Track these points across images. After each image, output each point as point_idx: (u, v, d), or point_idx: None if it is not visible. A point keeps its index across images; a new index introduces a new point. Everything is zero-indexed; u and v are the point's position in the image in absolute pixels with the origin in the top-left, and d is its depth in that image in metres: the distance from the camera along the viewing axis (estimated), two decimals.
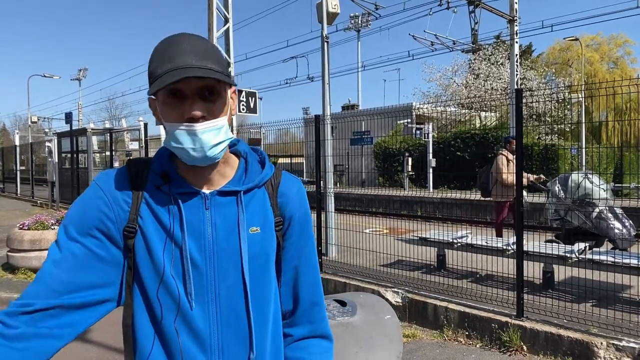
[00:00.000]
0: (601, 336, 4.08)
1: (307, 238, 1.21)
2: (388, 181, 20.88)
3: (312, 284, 1.22)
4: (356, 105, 29.66)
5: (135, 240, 1.05)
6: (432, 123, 19.29)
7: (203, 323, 1.05)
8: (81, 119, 40.03)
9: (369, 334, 2.39)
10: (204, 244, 1.06)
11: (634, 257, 4.98)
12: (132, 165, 1.11)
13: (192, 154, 1.01)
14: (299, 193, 1.20)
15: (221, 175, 1.11)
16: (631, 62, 35.67)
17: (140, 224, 1.05)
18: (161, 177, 1.08)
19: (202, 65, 0.99)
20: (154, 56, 1.03)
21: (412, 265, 6.61)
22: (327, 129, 7.35)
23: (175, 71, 0.97)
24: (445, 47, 17.69)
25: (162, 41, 1.04)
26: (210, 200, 1.08)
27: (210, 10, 7.99)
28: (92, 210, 1.06)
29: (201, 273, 1.05)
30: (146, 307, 1.06)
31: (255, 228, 1.10)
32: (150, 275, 1.04)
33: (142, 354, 1.05)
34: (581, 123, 19.09)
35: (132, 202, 1.06)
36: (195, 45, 1.01)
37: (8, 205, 19.35)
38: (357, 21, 31.14)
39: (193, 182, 1.09)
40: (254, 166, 1.16)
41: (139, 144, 15.75)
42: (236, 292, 1.07)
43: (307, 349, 1.20)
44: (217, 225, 1.07)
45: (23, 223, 7.42)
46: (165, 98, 1.02)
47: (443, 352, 4.53)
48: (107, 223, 1.05)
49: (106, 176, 1.10)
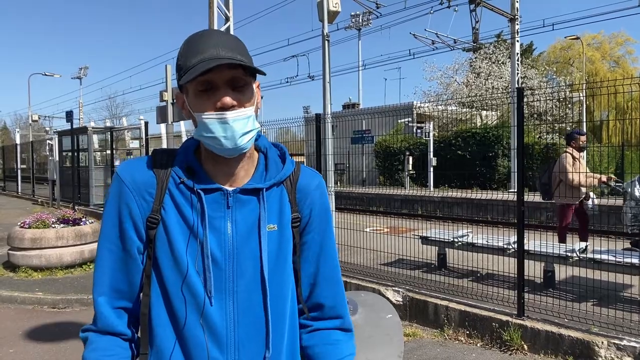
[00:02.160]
0: (602, 335, 4.07)
1: (328, 234, 1.20)
2: (389, 180, 20.88)
3: (333, 282, 1.21)
4: (357, 104, 29.66)
5: (157, 232, 1.07)
6: (433, 122, 19.27)
7: (220, 319, 1.05)
8: (82, 118, 40.03)
9: (370, 333, 2.39)
10: (224, 241, 1.07)
11: (635, 256, 4.98)
12: (157, 155, 1.12)
13: (224, 142, 1.03)
14: (319, 187, 1.19)
15: (245, 172, 1.12)
16: (632, 61, 35.67)
17: (163, 215, 1.07)
18: (185, 170, 1.09)
19: (231, 57, 1.02)
20: (183, 50, 1.06)
21: (412, 264, 6.61)
22: (327, 128, 7.33)
23: (207, 61, 0.99)
24: (446, 45, 17.68)
25: (191, 36, 1.07)
26: (233, 198, 1.08)
27: (211, 9, 7.98)
28: (121, 205, 1.08)
29: (220, 270, 1.06)
30: (164, 300, 1.07)
31: (273, 225, 1.11)
32: (171, 269, 1.05)
33: (159, 347, 1.06)
34: (582, 122, 19.06)
35: (156, 192, 1.07)
36: (223, 39, 1.05)
37: (9, 204, 19.38)
38: (358, 20, 31.12)
39: (217, 178, 1.10)
40: (274, 161, 1.15)
41: (139, 142, 15.76)
42: (254, 290, 1.08)
43: (329, 338, 1.20)
44: (238, 223, 1.08)
45: (24, 221, 7.43)
46: (196, 89, 1.04)
47: (444, 351, 4.53)
48: (132, 215, 1.08)
49: (128, 166, 1.11)
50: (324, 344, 1.19)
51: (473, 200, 12.25)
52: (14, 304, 6.04)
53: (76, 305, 5.95)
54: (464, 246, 6.28)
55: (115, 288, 1.08)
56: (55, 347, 4.67)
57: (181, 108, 1.11)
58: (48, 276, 6.98)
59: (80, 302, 5.97)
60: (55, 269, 7.13)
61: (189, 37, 1.07)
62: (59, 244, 7.14)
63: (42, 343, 4.76)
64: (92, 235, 7.49)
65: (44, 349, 4.63)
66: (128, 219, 1.08)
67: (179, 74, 1.05)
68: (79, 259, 7.31)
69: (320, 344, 1.19)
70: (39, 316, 5.61)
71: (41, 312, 5.81)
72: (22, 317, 5.56)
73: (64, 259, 7.16)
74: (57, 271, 7.12)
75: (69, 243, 7.20)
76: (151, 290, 1.08)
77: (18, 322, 5.37)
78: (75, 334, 4.97)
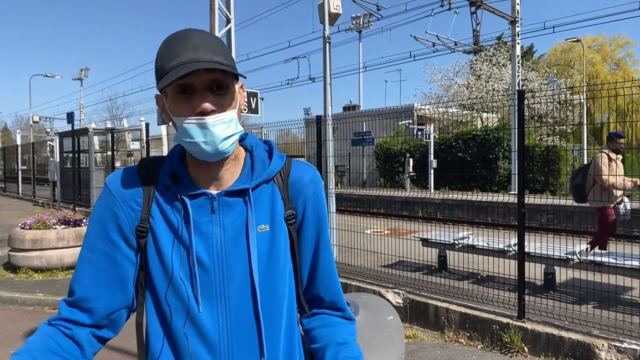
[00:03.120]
0: (602, 338, 4.07)
1: (323, 228, 1.17)
2: (389, 182, 20.88)
3: (330, 276, 1.19)
4: (357, 106, 29.67)
5: (147, 241, 1.06)
6: (434, 124, 19.29)
7: (211, 325, 1.03)
8: (82, 119, 40.09)
9: (371, 335, 2.38)
10: (212, 245, 1.05)
11: (635, 258, 4.98)
12: (144, 165, 1.11)
13: (204, 148, 1.00)
14: (313, 181, 1.15)
15: (231, 174, 1.09)
16: (633, 63, 35.68)
17: (151, 223, 1.06)
18: (170, 177, 1.08)
19: (210, 59, 0.98)
20: (161, 52, 1.02)
21: (413, 266, 6.61)
22: (328, 130, 7.34)
23: (185, 65, 0.96)
24: (447, 48, 17.69)
25: (169, 37, 1.03)
26: (218, 201, 1.06)
27: (212, 11, 7.99)
28: (106, 213, 1.07)
29: (209, 274, 1.04)
30: (155, 309, 1.06)
31: (264, 226, 1.08)
32: (160, 276, 1.04)
33: (153, 355, 1.06)
34: (583, 124, 19.06)
35: (143, 201, 1.07)
36: (202, 40, 1.01)
37: (9, 205, 19.38)
38: (358, 22, 31.17)
39: (202, 182, 1.08)
40: (260, 159, 1.12)
41: (140, 144, 15.75)
42: (245, 294, 1.05)
43: (328, 320, 1.18)
44: (225, 226, 1.06)
45: (25, 223, 7.43)
46: (174, 93, 1.01)
47: (444, 353, 4.53)
48: (119, 224, 1.06)
49: (115, 176, 1.11)
50: (322, 325, 1.17)
51: (474, 202, 12.24)
52: (15, 305, 6.04)
53: None
54: (465, 248, 6.28)
55: (82, 297, 1.07)
56: None
57: (161, 111, 1.08)
58: (49, 277, 6.98)
59: None
60: (56, 270, 7.13)
61: (167, 37, 1.03)
62: (59, 245, 7.15)
63: None
64: None
65: None
66: (114, 227, 1.06)
67: (157, 77, 1.01)
68: None
69: (319, 326, 1.17)
70: (39, 317, 5.61)
71: (42, 313, 5.81)
72: (23, 318, 5.57)
73: (65, 260, 7.16)
74: (58, 272, 7.12)
75: (70, 244, 7.21)
76: (145, 299, 1.07)
77: (19, 323, 5.37)
78: None
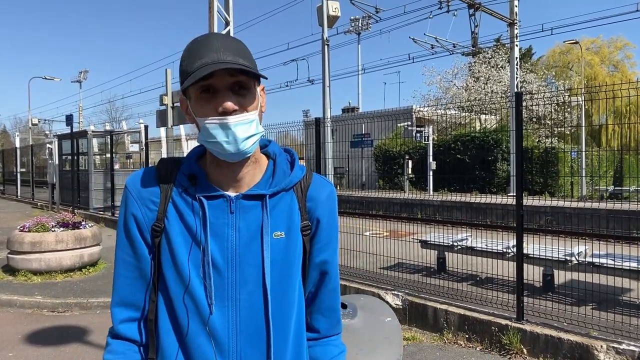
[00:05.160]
0: (601, 339, 4.08)
1: (333, 245, 1.20)
2: (388, 184, 20.89)
3: (334, 290, 1.23)
4: (356, 108, 29.69)
5: (161, 240, 1.08)
6: (432, 126, 19.31)
7: (222, 328, 1.05)
8: (81, 121, 40.13)
9: (369, 337, 2.39)
10: (226, 247, 1.06)
11: (633, 260, 4.99)
12: (162, 165, 1.14)
13: (226, 147, 1.03)
14: (330, 197, 1.18)
15: (251, 177, 1.11)
16: (631, 65, 35.75)
17: (165, 224, 1.08)
18: (188, 178, 1.10)
19: (233, 61, 1.01)
20: (186, 54, 1.06)
21: (412, 267, 6.61)
22: (327, 132, 7.36)
23: (208, 66, 0.99)
24: (446, 50, 17.73)
25: (194, 40, 1.07)
26: (235, 204, 1.08)
27: (211, 13, 8.01)
28: (128, 216, 1.12)
29: (222, 277, 1.06)
30: (167, 307, 1.08)
31: (280, 233, 1.09)
32: (173, 277, 1.06)
33: (164, 353, 1.08)
34: (581, 126, 19.08)
35: (160, 201, 1.09)
36: (225, 43, 1.04)
37: (8, 207, 19.35)
38: (357, 24, 31.16)
39: (221, 184, 1.10)
40: (282, 168, 1.14)
41: (139, 146, 15.76)
42: (256, 299, 1.07)
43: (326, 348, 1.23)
44: (241, 229, 1.07)
45: (23, 225, 7.42)
46: (197, 94, 1.04)
47: (443, 355, 4.53)
48: (138, 223, 1.11)
49: (135, 177, 1.14)
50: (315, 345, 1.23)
51: (472, 204, 12.24)
52: (14, 308, 6.03)
53: (75, 309, 5.94)
54: (464, 250, 6.29)
55: (124, 300, 1.12)
56: (54, 351, 4.67)
57: (185, 113, 1.12)
58: (47, 280, 6.97)
59: (79, 306, 5.97)
60: (55, 273, 7.12)
61: (192, 41, 1.07)
62: (58, 248, 7.13)
63: (42, 347, 4.75)
64: (91, 239, 7.49)
65: (43, 353, 4.62)
66: (134, 227, 1.10)
67: (182, 78, 1.05)
68: (79, 263, 7.31)
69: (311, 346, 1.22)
70: (38, 320, 5.61)
71: (40, 316, 5.80)
72: (22, 321, 5.56)
73: (64, 263, 7.15)
74: (57, 275, 7.11)
75: (69, 247, 7.20)
76: (157, 296, 1.10)
77: (17, 326, 5.36)
78: (75, 338, 4.96)
